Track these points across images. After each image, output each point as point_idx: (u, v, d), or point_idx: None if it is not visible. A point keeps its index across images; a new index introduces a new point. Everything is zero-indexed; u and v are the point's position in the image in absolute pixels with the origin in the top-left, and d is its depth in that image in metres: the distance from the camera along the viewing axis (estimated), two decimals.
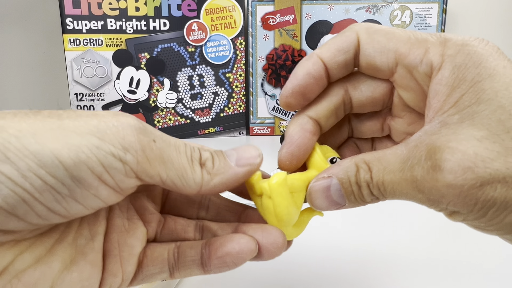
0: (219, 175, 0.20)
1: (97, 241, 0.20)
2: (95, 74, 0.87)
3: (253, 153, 0.21)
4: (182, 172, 0.19)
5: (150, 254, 0.22)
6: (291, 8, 0.91)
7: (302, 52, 0.93)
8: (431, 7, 0.90)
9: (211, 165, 0.20)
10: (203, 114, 0.93)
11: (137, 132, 0.17)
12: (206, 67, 0.91)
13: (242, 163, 0.20)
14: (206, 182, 0.19)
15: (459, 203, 0.16)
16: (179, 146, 0.19)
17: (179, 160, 0.19)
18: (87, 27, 0.85)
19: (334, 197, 0.21)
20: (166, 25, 0.87)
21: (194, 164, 0.19)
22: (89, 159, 0.16)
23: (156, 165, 0.18)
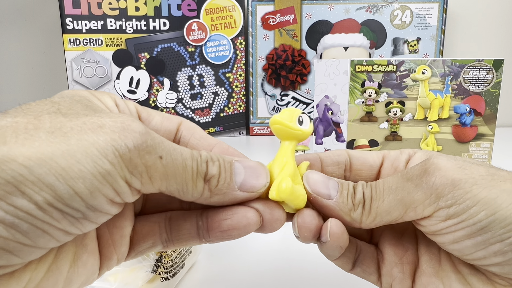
0: (219, 195, 0.19)
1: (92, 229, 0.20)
2: (95, 74, 0.87)
3: (260, 181, 0.20)
4: (183, 187, 0.18)
5: (140, 230, 0.21)
6: (291, 8, 0.91)
7: (302, 52, 0.93)
8: (431, 7, 0.90)
9: (215, 183, 0.19)
10: (203, 114, 0.93)
11: (143, 152, 0.17)
12: (206, 67, 0.91)
13: (246, 189, 0.20)
14: (204, 198, 0.19)
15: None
16: (186, 159, 0.18)
17: (183, 176, 0.18)
18: (87, 27, 0.85)
19: (330, 184, 0.22)
20: (166, 25, 0.87)
21: (198, 179, 0.19)
22: (103, 187, 0.16)
23: (157, 182, 0.17)
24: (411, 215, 0.20)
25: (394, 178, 0.21)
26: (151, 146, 0.17)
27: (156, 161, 0.17)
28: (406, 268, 0.23)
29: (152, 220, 0.22)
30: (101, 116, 0.17)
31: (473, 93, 0.54)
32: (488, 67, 0.53)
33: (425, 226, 0.20)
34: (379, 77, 0.55)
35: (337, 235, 0.21)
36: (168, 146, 0.18)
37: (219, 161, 0.20)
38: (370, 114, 0.56)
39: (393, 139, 0.56)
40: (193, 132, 0.22)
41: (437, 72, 0.54)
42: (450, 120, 0.55)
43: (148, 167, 0.17)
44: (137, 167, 0.16)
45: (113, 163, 0.16)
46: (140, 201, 0.22)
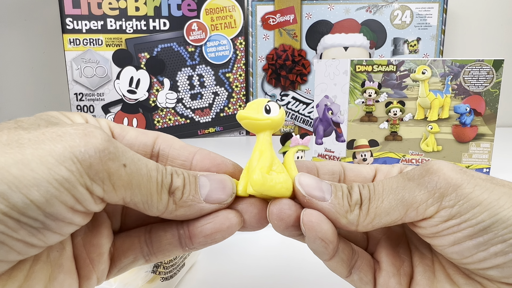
0: (184, 207, 0.19)
1: (67, 247, 0.19)
2: (95, 74, 0.87)
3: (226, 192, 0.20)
4: (148, 198, 0.18)
5: (120, 246, 0.21)
6: (291, 8, 0.91)
7: (302, 52, 0.93)
8: (431, 7, 0.90)
9: (180, 195, 0.19)
10: (203, 114, 0.93)
11: (106, 159, 0.16)
12: (206, 67, 0.91)
13: (212, 200, 0.20)
14: (169, 211, 0.19)
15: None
16: (151, 170, 0.18)
17: (147, 186, 0.18)
18: (87, 27, 0.85)
19: (323, 186, 0.21)
20: (166, 25, 0.87)
21: (163, 191, 0.18)
22: (61, 194, 0.15)
23: (121, 191, 0.17)
24: (412, 215, 0.20)
25: (394, 179, 0.21)
26: (113, 153, 0.17)
27: (120, 168, 0.17)
28: (403, 280, 0.23)
29: (132, 235, 0.21)
30: (63, 126, 0.17)
31: (473, 93, 0.54)
32: (488, 67, 0.53)
33: (424, 227, 0.20)
34: (379, 77, 0.55)
35: (311, 224, 0.20)
36: (132, 156, 0.18)
37: (183, 174, 0.20)
38: (370, 114, 0.56)
39: (393, 139, 0.56)
40: (172, 143, 0.22)
41: (437, 72, 0.54)
42: (450, 120, 0.55)
43: (110, 174, 0.16)
44: (98, 173, 0.16)
45: (71, 169, 0.15)
46: (119, 217, 0.22)
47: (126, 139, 0.22)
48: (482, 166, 0.56)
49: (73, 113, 0.21)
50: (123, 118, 0.90)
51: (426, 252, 0.23)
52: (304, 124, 0.96)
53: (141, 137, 0.22)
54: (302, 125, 0.97)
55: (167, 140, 0.22)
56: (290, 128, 0.97)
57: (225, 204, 0.20)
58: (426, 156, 0.56)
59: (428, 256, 0.23)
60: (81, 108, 0.88)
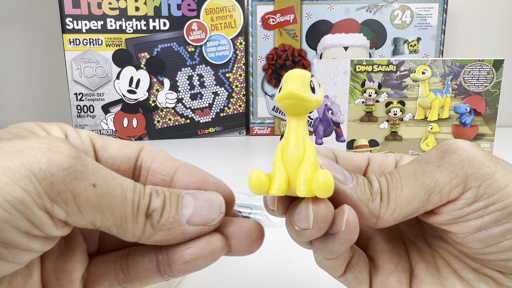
0: (163, 231, 0.17)
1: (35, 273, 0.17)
2: (95, 74, 0.87)
3: (213, 212, 0.18)
4: (121, 222, 0.16)
5: (94, 271, 0.19)
6: (291, 8, 0.91)
7: (302, 52, 0.93)
8: (431, 7, 0.90)
9: (158, 218, 0.17)
10: (203, 114, 0.93)
11: (70, 177, 0.15)
12: (206, 67, 0.91)
13: (196, 221, 0.18)
14: (147, 236, 0.17)
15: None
16: (126, 191, 0.16)
17: (121, 209, 0.16)
18: (86, 27, 0.85)
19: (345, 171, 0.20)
20: (166, 25, 0.87)
21: (139, 214, 0.17)
22: (12, 217, 0.14)
23: (89, 214, 0.15)
24: (435, 200, 0.18)
25: (410, 165, 0.19)
26: (80, 172, 0.15)
27: (88, 189, 0.15)
28: (402, 277, 0.21)
29: (108, 259, 0.19)
30: (27, 139, 0.15)
31: (473, 93, 0.54)
32: (488, 67, 0.53)
33: (446, 213, 0.18)
34: (379, 77, 0.55)
35: (353, 224, 0.18)
36: (105, 175, 0.16)
37: (164, 193, 0.18)
38: (370, 114, 0.56)
39: (393, 139, 0.56)
40: (155, 156, 0.20)
41: (437, 72, 0.54)
42: (450, 120, 0.55)
43: (76, 195, 0.15)
44: (60, 194, 0.14)
45: (26, 189, 0.14)
46: (96, 240, 0.20)
47: (108, 152, 0.20)
48: None
49: (51, 124, 0.19)
50: (123, 118, 0.90)
51: (424, 246, 0.22)
52: None
53: (125, 150, 0.20)
54: None
55: (151, 152, 0.21)
56: None
57: (211, 226, 0.18)
58: None
59: (427, 251, 0.22)
60: (81, 108, 0.88)
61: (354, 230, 0.18)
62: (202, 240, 0.18)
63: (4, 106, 1.10)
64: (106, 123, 0.89)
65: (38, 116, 1.11)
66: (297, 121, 0.18)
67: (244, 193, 0.47)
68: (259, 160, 0.70)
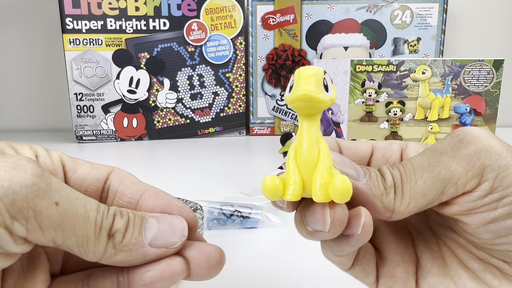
0: (125, 252, 0.17)
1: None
2: (94, 74, 0.87)
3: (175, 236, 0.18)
4: (83, 241, 0.16)
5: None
6: (291, 8, 0.91)
7: (302, 52, 0.93)
8: (431, 7, 0.90)
9: (120, 239, 0.17)
10: (203, 114, 0.93)
11: (33, 195, 0.15)
12: (206, 67, 0.91)
13: (158, 244, 0.18)
14: (108, 256, 0.17)
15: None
16: (89, 211, 0.17)
17: (83, 228, 0.16)
18: (86, 27, 0.85)
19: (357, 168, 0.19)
20: (166, 25, 0.87)
21: (101, 234, 0.17)
22: None
23: (50, 232, 0.16)
24: (451, 192, 0.18)
25: (424, 155, 0.19)
26: (44, 190, 0.15)
27: (50, 207, 0.15)
28: (409, 268, 0.21)
29: (70, 280, 0.19)
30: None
31: (473, 93, 0.54)
32: (488, 67, 0.53)
33: (459, 204, 0.18)
34: (379, 77, 0.55)
35: (369, 227, 0.18)
36: (68, 194, 0.16)
37: (128, 215, 0.18)
38: (370, 114, 0.56)
39: (393, 139, 0.56)
40: (124, 179, 0.21)
41: (437, 72, 0.54)
42: (450, 120, 0.55)
43: (37, 212, 0.15)
44: (22, 211, 0.15)
45: None
46: (60, 260, 0.20)
47: (78, 173, 0.20)
48: None
49: (22, 145, 0.19)
50: (123, 118, 0.90)
51: (429, 236, 0.22)
52: None
53: (94, 172, 0.21)
54: None
55: (120, 175, 0.21)
56: (290, 128, 0.97)
57: (173, 249, 0.18)
58: None
59: (433, 240, 0.22)
60: (81, 108, 0.88)
61: (369, 233, 0.18)
62: (162, 263, 0.18)
63: (4, 106, 1.10)
64: (106, 123, 0.89)
65: (38, 116, 1.11)
66: (309, 122, 0.18)
67: (244, 193, 0.47)
68: (259, 160, 0.70)
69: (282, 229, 0.40)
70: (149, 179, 0.59)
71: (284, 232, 0.40)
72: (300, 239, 0.36)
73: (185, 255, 0.19)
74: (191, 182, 0.57)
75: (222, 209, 0.40)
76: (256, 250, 0.36)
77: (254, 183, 0.56)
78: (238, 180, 0.58)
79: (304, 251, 0.36)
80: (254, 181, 0.57)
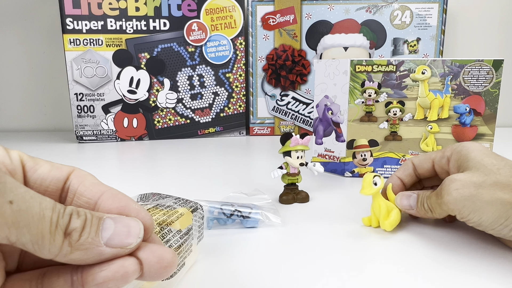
0: (81, 250, 0.18)
1: None
2: (95, 74, 0.87)
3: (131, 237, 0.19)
4: (38, 239, 0.17)
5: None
6: (291, 8, 0.91)
7: (302, 52, 0.93)
8: (431, 7, 0.90)
9: (77, 237, 0.18)
10: (203, 114, 0.93)
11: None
12: (206, 67, 0.91)
13: (113, 244, 0.19)
14: (63, 254, 0.18)
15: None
16: (45, 209, 0.17)
17: (38, 226, 0.17)
18: (87, 27, 0.85)
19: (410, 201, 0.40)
20: (166, 25, 0.87)
21: (57, 232, 0.17)
22: None
23: (4, 229, 0.16)
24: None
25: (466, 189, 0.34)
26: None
27: (4, 205, 0.16)
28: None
29: (24, 278, 0.20)
30: None
31: (473, 93, 0.54)
32: (488, 67, 0.53)
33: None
34: (379, 77, 0.55)
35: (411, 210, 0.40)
36: (23, 193, 0.17)
37: (86, 215, 0.19)
38: (370, 114, 0.56)
39: (393, 139, 0.56)
40: (83, 180, 0.21)
41: (437, 72, 0.54)
42: (450, 120, 0.55)
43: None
44: None
45: None
46: (16, 258, 0.21)
47: (38, 173, 0.21)
48: None
49: None
50: (123, 118, 0.90)
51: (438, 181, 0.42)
52: (304, 124, 0.97)
53: (54, 172, 0.21)
54: (302, 125, 0.97)
55: (80, 176, 0.22)
56: (290, 128, 0.97)
57: (128, 249, 0.19)
58: None
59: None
60: (81, 108, 0.88)
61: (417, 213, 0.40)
62: (116, 263, 0.19)
63: (4, 106, 1.10)
64: (106, 123, 0.90)
65: (38, 116, 1.11)
66: (374, 198, 0.40)
67: (244, 193, 0.47)
68: (259, 160, 0.71)
69: (282, 229, 0.40)
70: (149, 179, 0.59)
71: (284, 232, 0.40)
72: (300, 239, 0.36)
73: (139, 256, 0.19)
74: (191, 182, 0.57)
75: (222, 208, 0.40)
76: (256, 250, 0.36)
77: (254, 183, 0.56)
78: (238, 180, 0.58)
79: (304, 251, 0.36)
80: (254, 181, 0.57)
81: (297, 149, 0.46)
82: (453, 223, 0.41)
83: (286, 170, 0.48)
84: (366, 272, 0.32)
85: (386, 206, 0.39)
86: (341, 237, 0.38)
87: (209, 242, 0.37)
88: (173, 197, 0.34)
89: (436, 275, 0.31)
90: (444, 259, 0.34)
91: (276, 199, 0.49)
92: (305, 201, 0.48)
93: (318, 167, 0.48)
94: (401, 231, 0.40)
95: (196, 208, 0.32)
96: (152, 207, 0.31)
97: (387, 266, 0.33)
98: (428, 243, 0.37)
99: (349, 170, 0.58)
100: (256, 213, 0.40)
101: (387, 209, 0.39)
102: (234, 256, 0.35)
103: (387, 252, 0.35)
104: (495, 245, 0.36)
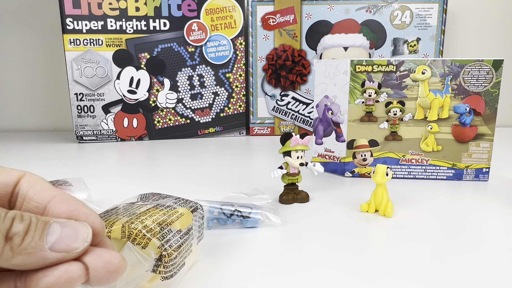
0: (23, 255, 0.18)
1: None
2: (95, 74, 0.87)
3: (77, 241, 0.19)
4: None
5: None
6: (291, 8, 0.91)
7: (302, 52, 0.93)
8: (431, 7, 0.90)
9: (19, 242, 0.17)
10: (203, 114, 0.93)
11: None
12: (206, 67, 0.91)
13: (59, 248, 0.18)
14: (5, 259, 0.17)
15: None
16: None
17: None
18: (87, 27, 0.85)
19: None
20: (166, 25, 0.87)
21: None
22: None
23: None
24: None
25: None
26: None
27: None
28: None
29: None
30: None
31: (473, 93, 0.54)
32: (488, 67, 0.53)
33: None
34: (379, 77, 0.55)
35: None
36: None
37: (30, 220, 0.18)
38: (370, 114, 0.56)
39: (393, 139, 0.56)
40: (34, 184, 0.21)
41: (437, 72, 0.54)
42: (450, 120, 0.55)
43: None
44: None
45: None
46: None
47: None
48: (481, 166, 0.56)
49: None
50: (123, 118, 0.90)
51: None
52: (304, 124, 0.97)
53: (3, 176, 0.21)
54: (302, 125, 0.97)
55: (30, 180, 0.21)
56: (290, 128, 0.97)
57: (74, 254, 0.19)
58: (426, 156, 0.56)
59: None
60: (82, 108, 0.88)
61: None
62: (60, 268, 0.18)
63: (4, 106, 1.10)
64: (106, 123, 0.90)
65: (39, 116, 1.11)
66: (381, 186, 0.44)
67: (244, 193, 0.47)
68: (259, 160, 0.71)
69: (282, 229, 0.40)
70: (149, 179, 0.59)
71: (284, 232, 0.40)
72: (300, 239, 0.36)
73: (85, 261, 0.19)
74: (191, 182, 0.57)
75: (222, 208, 0.40)
76: (256, 250, 0.36)
77: (254, 183, 0.56)
78: (238, 180, 0.58)
79: (304, 251, 0.36)
80: (254, 181, 0.57)
81: (297, 149, 0.46)
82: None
83: (286, 170, 0.48)
84: (366, 272, 0.32)
85: (387, 196, 0.44)
86: (341, 237, 0.38)
87: (209, 242, 0.37)
88: (173, 197, 0.34)
89: (439, 275, 0.31)
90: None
91: (276, 199, 0.49)
92: (305, 201, 0.48)
93: (318, 167, 0.48)
94: (401, 231, 0.40)
95: (196, 208, 0.32)
96: (152, 207, 0.31)
97: (387, 266, 0.33)
98: (429, 244, 0.37)
99: (349, 170, 0.58)
100: (256, 213, 0.40)
101: (388, 200, 0.44)
102: (234, 256, 0.35)
103: (387, 252, 0.35)
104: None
